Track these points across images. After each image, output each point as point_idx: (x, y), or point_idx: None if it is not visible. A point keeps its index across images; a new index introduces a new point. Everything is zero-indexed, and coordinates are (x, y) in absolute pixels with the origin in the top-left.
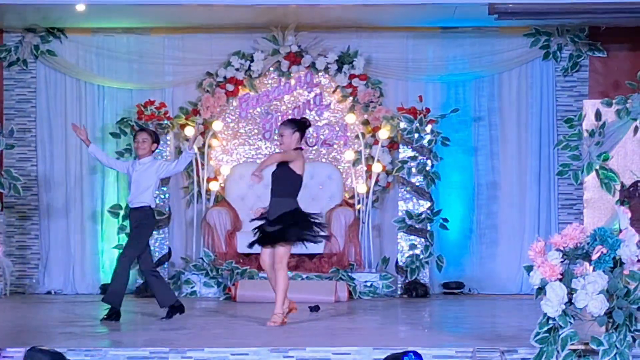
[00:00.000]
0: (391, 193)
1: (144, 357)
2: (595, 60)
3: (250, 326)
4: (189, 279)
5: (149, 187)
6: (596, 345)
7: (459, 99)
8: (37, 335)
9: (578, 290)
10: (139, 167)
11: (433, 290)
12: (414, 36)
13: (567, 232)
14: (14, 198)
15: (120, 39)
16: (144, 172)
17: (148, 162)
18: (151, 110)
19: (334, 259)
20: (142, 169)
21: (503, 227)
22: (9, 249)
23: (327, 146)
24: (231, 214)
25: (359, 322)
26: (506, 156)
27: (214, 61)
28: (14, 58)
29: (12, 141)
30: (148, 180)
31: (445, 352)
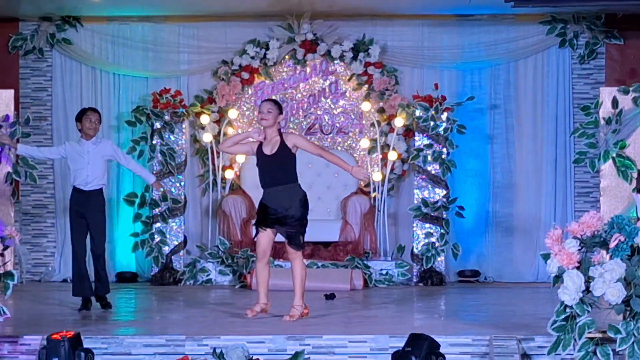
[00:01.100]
0: (407, 181)
1: (160, 344)
2: (612, 48)
3: (265, 314)
4: (204, 267)
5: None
6: (614, 334)
7: (474, 86)
8: (53, 323)
9: (595, 278)
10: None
11: (449, 278)
12: (429, 24)
13: (584, 220)
14: (30, 186)
15: (136, 27)
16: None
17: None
18: (166, 98)
19: (350, 247)
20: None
21: (519, 215)
22: (25, 237)
23: (342, 134)
24: (247, 202)
25: (375, 310)
26: (522, 144)
27: (229, 49)
28: (30, 47)
29: (28, 129)
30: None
31: (461, 340)
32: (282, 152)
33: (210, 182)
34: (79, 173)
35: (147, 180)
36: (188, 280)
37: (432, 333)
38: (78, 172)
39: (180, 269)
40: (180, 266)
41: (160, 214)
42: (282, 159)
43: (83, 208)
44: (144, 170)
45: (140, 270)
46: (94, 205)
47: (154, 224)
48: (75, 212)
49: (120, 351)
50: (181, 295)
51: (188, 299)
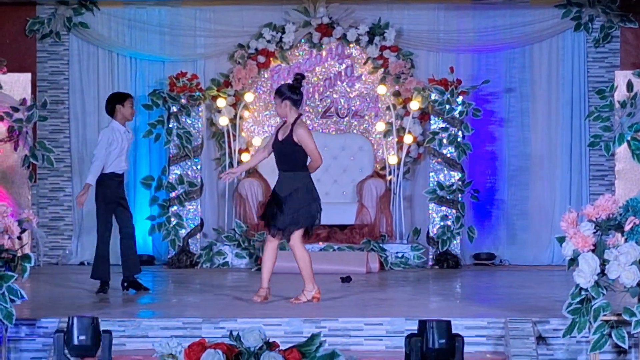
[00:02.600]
0: (422, 164)
1: (177, 327)
2: (627, 32)
3: (282, 297)
4: (221, 250)
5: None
6: (629, 316)
7: (490, 70)
8: (70, 305)
9: (610, 261)
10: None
11: (464, 261)
12: (445, 8)
13: (599, 203)
14: (47, 169)
15: (152, 11)
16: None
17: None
18: (183, 82)
19: (366, 230)
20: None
21: (534, 198)
22: (43, 220)
23: (358, 117)
24: (263, 185)
25: (391, 293)
26: (537, 127)
27: (245, 33)
28: (47, 30)
29: (45, 113)
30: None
31: (477, 323)
32: (288, 140)
33: (226, 165)
34: (120, 158)
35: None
36: (204, 263)
37: (448, 316)
38: (118, 157)
39: (197, 252)
40: (196, 249)
41: (177, 197)
42: (287, 147)
43: (121, 191)
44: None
45: (157, 254)
46: (124, 188)
47: (171, 207)
48: (115, 196)
49: (137, 334)
50: (198, 278)
51: (204, 282)
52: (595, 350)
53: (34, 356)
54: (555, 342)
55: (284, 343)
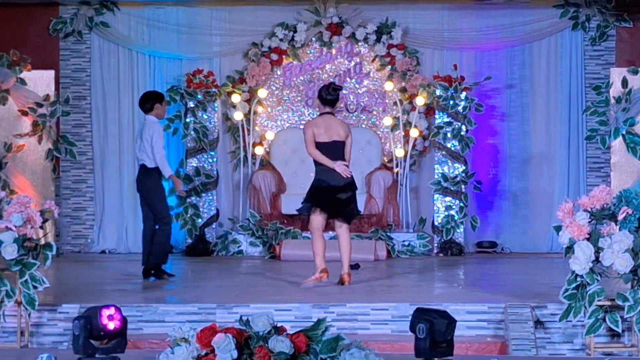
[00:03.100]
0: (427, 157)
1: (192, 312)
2: (622, 30)
3: (293, 283)
4: (235, 239)
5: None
6: (622, 301)
7: (492, 67)
8: (91, 292)
9: (605, 249)
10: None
11: (467, 249)
12: (449, 8)
13: (594, 193)
14: (70, 162)
15: (170, 11)
16: None
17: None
18: (199, 78)
19: (374, 219)
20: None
21: (534, 189)
22: (66, 210)
23: (366, 112)
24: (276, 177)
25: (397, 280)
26: (537, 122)
27: (259, 32)
28: (70, 30)
29: (68, 108)
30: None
31: (478, 308)
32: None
33: (241, 158)
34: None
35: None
36: (220, 251)
37: (451, 301)
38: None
39: (213, 241)
40: (212, 238)
41: (194, 188)
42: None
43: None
44: (163, 165)
45: (175, 242)
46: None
47: (188, 198)
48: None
49: (154, 319)
50: (213, 265)
51: (220, 269)
52: (590, 334)
53: (56, 340)
54: (553, 326)
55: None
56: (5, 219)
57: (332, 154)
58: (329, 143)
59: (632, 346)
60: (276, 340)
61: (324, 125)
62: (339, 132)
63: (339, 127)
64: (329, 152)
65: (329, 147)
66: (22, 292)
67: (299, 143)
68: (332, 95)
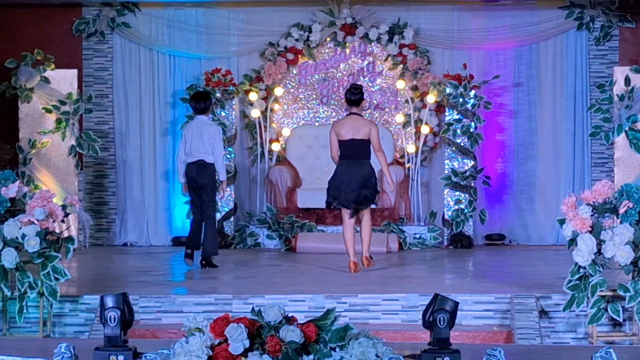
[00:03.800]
0: (438, 153)
1: (209, 302)
2: (625, 31)
3: (308, 275)
4: (253, 232)
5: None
6: (623, 292)
7: (500, 66)
8: (112, 283)
9: (606, 242)
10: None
11: (476, 241)
12: (459, 9)
13: (596, 188)
14: (92, 158)
15: (189, 12)
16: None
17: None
18: (218, 77)
19: (386, 213)
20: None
21: (540, 183)
22: (89, 204)
23: (379, 110)
24: (292, 172)
25: (408, 271)
26: (543, 119)
27: (275, 32)
28: (93, 30)
29: (91, 106)
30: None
31: (485, 298)
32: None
33: (258, 154)
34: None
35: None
36: (238, 244)
37: (459, 292)
38: None
39: (231, 234)
40: (230, 231)
41: None
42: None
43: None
44: (221, 165)
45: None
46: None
47: None
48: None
49: (172, 309)
50: (231, 257)
51: (237, 261)
52: (592, 323)
53: (77, 330)
54: (557, 316)
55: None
56: (28, 213)
57: (350, 151)
58: (347, 141)
59: (633, 335)
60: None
61: (346, 125)
62: (360, 131)
63: (361, 126)
64: (348, 149)
65: (347, 144)
66: (44, 284)
67: (314, 139)
68: (355, 95)
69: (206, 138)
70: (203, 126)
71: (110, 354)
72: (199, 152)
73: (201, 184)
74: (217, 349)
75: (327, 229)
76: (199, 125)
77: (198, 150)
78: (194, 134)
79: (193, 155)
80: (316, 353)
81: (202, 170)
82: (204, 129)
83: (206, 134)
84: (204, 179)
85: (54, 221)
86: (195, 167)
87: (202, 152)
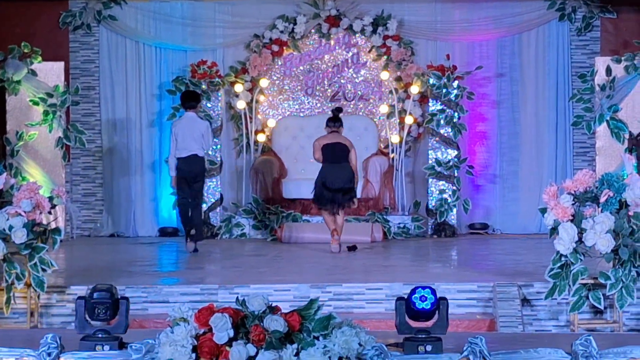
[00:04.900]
0: (422, 143)
1: (195, 292)
2: (606, 21)
3: (293, 264)
4: (239, 222)
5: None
6: (604, 280)
7: (483, 57)
8: (99, 274)
9: (587, 230)
10: None
11: (460, 230)
12: (442, 0)
13: (577, 177)
14: (79, 150)
15: (175, 4)
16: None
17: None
18: (203, 69)
19: (371, 203)
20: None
21: (523, 173)
22: (76, 196)
23: (363, 101)
24: (277, 163)
25: (392, 260)
26: (526, 109)
27: (260, 24)
28: (79, 23)
29: (78, 98)
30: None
31: (468, 287)
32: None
33: (244, 145)
34: None
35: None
36: (224, 234)
37: (443, 281)
38: None
39: (217, 224)
40: (217, 221)
41: None
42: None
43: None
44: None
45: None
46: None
47: None
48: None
49: (158, 299)
50: (217, 248)
51: (224, 252)
52: (574, 311)
53: (64, 320)
54: (539, 304)
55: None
56: (15, 204)
57: (333, 154)
58: (330, 144)
59: (614, 322)
60: (271, 320)
61: (329, 136)
62: (341, 140)
63: (342, 140)
64: (331, 151)
65: (330, 147)
66: (31, 275)
67: (299, 130)
68: (332, 114)
69: (197, 133)
70: (193, 122)
71: (96, 344)
72: (192, 146)
73: (194, 175)
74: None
75: (312, 219)
76: (189, 122)
77: (190, 145)
78: (185, 130)
79: (186, 149)
80: (300, 342)
81: (194, 163)
82: (194, 125)
83: (197, 129)
84: (196, 171)
85: (41, 213)
86: (188, 160)
87: (194, 147)
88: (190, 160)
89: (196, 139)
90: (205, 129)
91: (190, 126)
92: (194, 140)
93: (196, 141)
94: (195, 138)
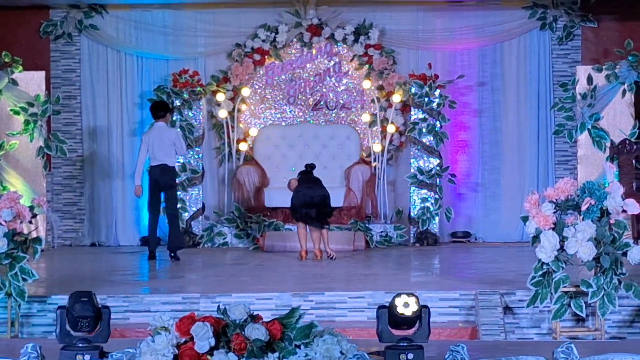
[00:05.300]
0: (404, 151)
1: (177, 302)
2: (587, 30)
3: (275, 273)
4: (221, 231)
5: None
6: (586, 287)
7: (464, 65)
8: (81, 283)
9: (569, 238)
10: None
11: (442, 239)
12: (424, 9)
13: (559, 185)
14: (60, 159)
15: (157, 13)
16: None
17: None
18: (185, 78)
19: (353, 211)
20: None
21: (505, 181)
22: (57, 205)
23: (345, 109)
24: (259, 172)
25: (374, 269)
26: (507, 117)
27: (242, 33)
28: (60, 32)
29: (59, 107)
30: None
31: (450, 295)
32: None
33: (225, 153)
34: None
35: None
36: (206, 243)
37: (425, 289)
38: None
39: (199, 233)
40: (199, 230)
41: (180, 183)
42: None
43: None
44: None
45: (163, 235)
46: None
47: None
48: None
49: (140, 308)
50: (199, 257)
51: (206, 261)
52: (556, 319)
53: (45, 330)
54: (521, 312)
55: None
56: None
57: (308, 177)
58: (305, 170)
59: (595, 330)
60: (252, 328)
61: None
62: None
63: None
64: (306, 176)
65: (305, 172)
66: (12, 285)
67: (281, 139)
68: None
69: (166, 142)
70: (162, 132)
71: (77, 354)
72: (161, 156)
73: (164, 184)
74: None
75: (294, 227)
76: (158, 131)
77: (160, 155)
78: (155, 139)
79: (156, 159)
80: (281, 351)
81: (164, 173)
82: (163, 135)
83: (166, 139)
84: (167, 180)
85: (22, 222)
86: (158, 170)
87: (163, 156)
88: (160, 170)
89: (165, 148)
90: (175, 136)
91: (159, 136)
92: (162, 150)
93: (165, 151)
94: (164, 148)
